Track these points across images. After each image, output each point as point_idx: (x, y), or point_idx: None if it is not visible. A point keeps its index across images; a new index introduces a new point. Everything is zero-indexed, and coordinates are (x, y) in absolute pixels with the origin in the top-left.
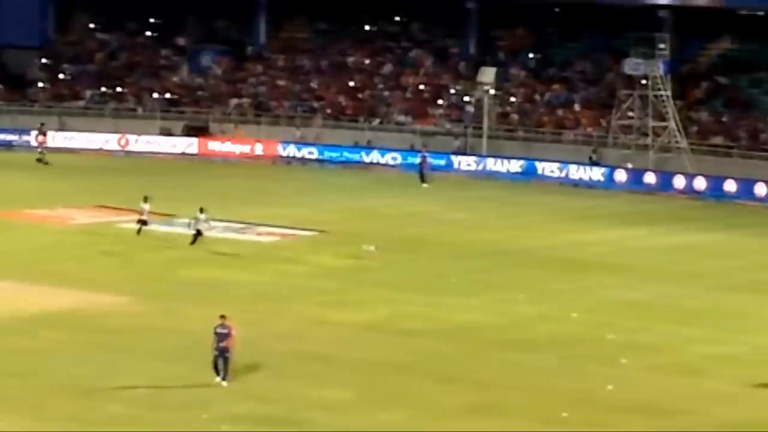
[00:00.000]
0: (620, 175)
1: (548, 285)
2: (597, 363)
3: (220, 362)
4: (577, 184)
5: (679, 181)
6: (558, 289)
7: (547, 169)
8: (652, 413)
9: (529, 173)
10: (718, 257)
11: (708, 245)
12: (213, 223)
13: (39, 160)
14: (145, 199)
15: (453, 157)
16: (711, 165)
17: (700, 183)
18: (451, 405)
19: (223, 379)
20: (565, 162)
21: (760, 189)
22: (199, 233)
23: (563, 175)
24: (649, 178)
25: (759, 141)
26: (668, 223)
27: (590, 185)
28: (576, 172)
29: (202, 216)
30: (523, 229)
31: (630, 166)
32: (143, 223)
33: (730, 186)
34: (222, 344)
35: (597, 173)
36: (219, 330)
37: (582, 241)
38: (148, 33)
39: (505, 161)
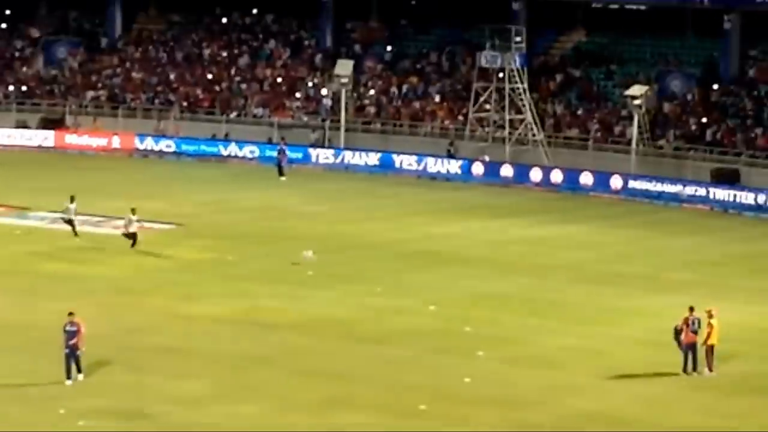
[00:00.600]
0: (477, 168)
1: (405, 277)
2: (454, 356)
3: (71, 360)
4: (435, 176)
5: (535, 174)
6: (415, 282)
7: (405, 161)
8: (508, 406)
9: (386, 166)
10: (574, 249)
11: (564, 238)
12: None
13: None
14: (72, 199)
15: (311, 150)
16: (567, 157)
17: (556, 176)
18: (308, 398)
19: (78, 371)
20: (422, 155)
21: (615, 181)
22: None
23: (421, 167)
24: (506, 170)
25: (612, 133)
26: (525, 216)
27: (447, 178)
28: (433, 164)
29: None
30: (381, 221)
31: (487, 158)
32: (70, 222)
33: (585, 178)
34: (71, 342)
35: (454, 166)
36: (68, 328)
37: (439, 233)
38: (1, 24)
39: (363, 154)
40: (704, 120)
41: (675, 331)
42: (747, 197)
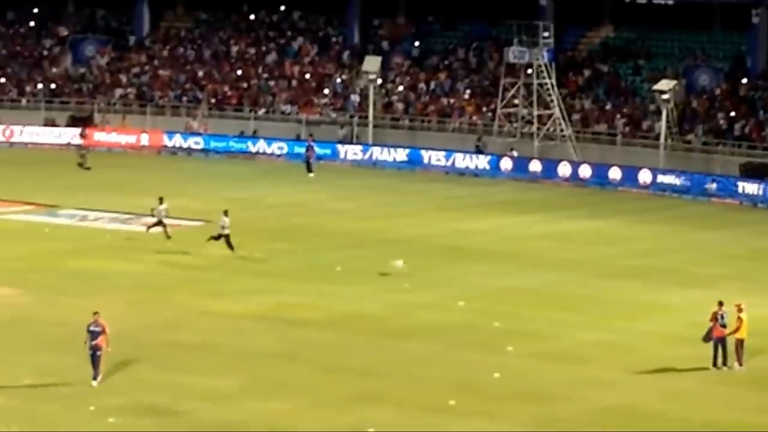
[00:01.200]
0: (505, 163)
1: (434, 273)
2: (483, 351)
3: (94, 361)
4: (463, 172)
5: (563, 169)
6: (444, 278)
7: (433, 157)
8: (536, 400)
9: (414, 162)
10: (602, 244)
11: (592, 232)
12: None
13: None
14: (161, 201)
15: (339, 147)
16: (595, 152)
17: (584, 171)
18: (336, 394)
19: (94, 378)
20: (450, 150)
21: (643, 176)
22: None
23: (449, 163)
24: (534, 166)
25: (640, 128)
26: (553, 211)
27: (476, 173)
28: (461, 160)
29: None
30: (409, 217)
31: (515, 154)
32: (160, 224)
33: (614, 173)
34: (94, 342)
35: (482, 161)
36: (92, 328)
37: (467, 229)
38: (29, 23)
39: (391, 150)
40: (732, 114)
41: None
42: None
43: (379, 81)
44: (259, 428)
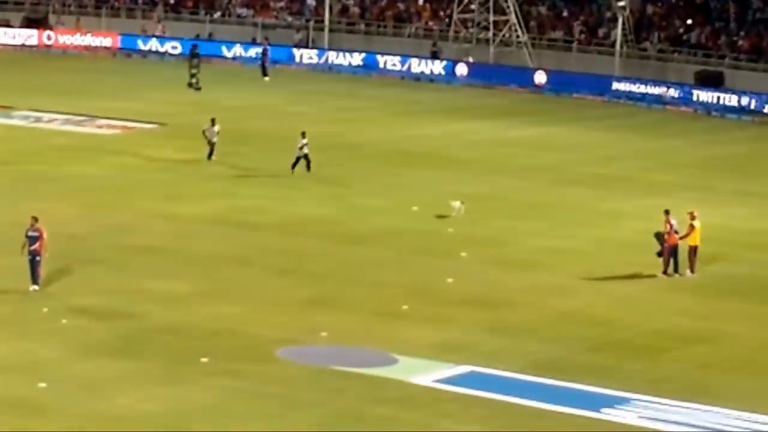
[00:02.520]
0: (461, 69)
1: (388, 179)
2: (437, 256)
3: (33, 266)
4: (418, 77)
5: (519, 76)
6: (398, 183)
7: (389, 62)
8: (490, 306)
9: (370, 66)
10: (557, 151)
11: (547, 139)
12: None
13: None
14: (213, 121)
15: (294, 51)
16: (551, 59)
17: (539, 77)
18: (290, 298)
19: (34, 283)
20: (406, 55)
21: (599, 83)
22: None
23: (404, 68)
24: (490, 72)
25: (597, 35)
26: (507, 117)
27: (431, 79)
28: (417, 65)
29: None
30: (364, 122)
31: (471, 59)
32: (211, 145)
33: (569, 80)
34: (32, 247)
35: (438, 67)
36: (30, 233)
37: (423, 134)
38: None
39: (347, 54)
40: (689, 22)
41: (658, 236)
42: (730, 99)
43: None
44: (212, 331)
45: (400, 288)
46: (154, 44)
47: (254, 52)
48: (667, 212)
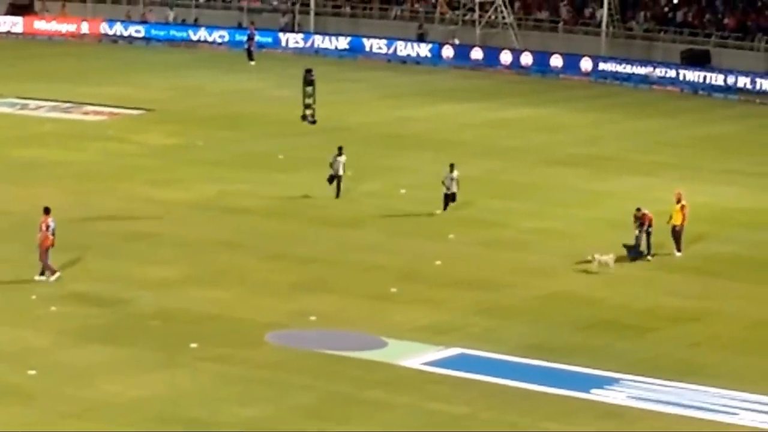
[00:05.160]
0: (447, 51)
1: (376, 161)
2: (425, 239)
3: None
4: (405, 60)
5: (505, 57)
6: (386, 165)
7: (375, 45)
8: (479, 287)
9: (356, 50)
10: (544, 132)
11: (534, 120)
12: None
13: None
14: (340, 151)
15: (280, 35)
16: (537, 40)
17: (526, 58)
18: (279, 282)
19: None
20: (392, 38)
21: (585, 64)
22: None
23: (390, 51)
24: (476, 53)
25: (583, 15)
26: (494, 99)
27: (417, 61)
28: (403, 48)
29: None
30: (351, 105)
31: (457, 42)
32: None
33: (555, 61)
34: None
35: (424, 49)
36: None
37: (409, 117)
38: None
39: (332, 38)
40: (674, 1)
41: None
42: (717, 79)
43: None
44: (201, 316)
45: (389, 271)
46: (139, 30)
47: (240, 36)
48: (638, 209)
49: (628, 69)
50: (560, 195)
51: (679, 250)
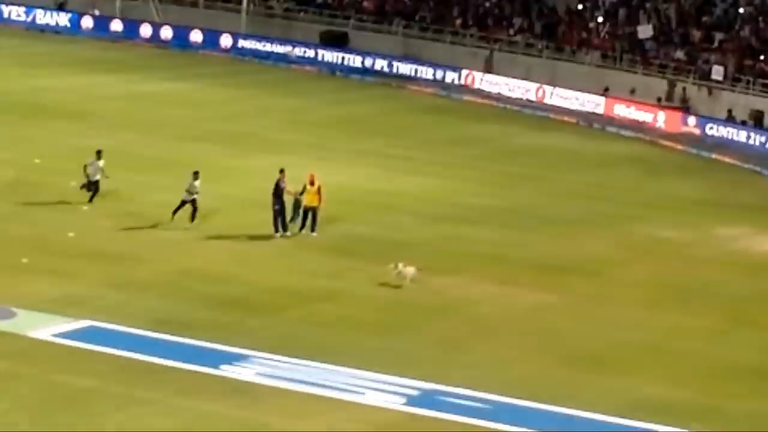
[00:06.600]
0: (86, 22)
1: (10, 130)
2: (58, 210)
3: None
4: (43, 29)
5: (145, 30)
6: (21, 135)
7: (13, 12)
8: (113, 260)
9: None
10: (183, 107)
11: (173, 95)
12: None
13: None
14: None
15: None
16: (177, 14)
17: (166, 32)
18: None
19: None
20: (30, 6)
21: (225, 40)
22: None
23: (29, 19)
24: (116, 25)
25: None
26: (133, 72)
27: (57, 30)
28: (42, 16)
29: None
30: None
31: (96, 12)
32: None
33: (195, 36)
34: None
35: (63, 18)
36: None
37: (46, 86)
38: None
39: None
40: None
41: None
42: (354, 60)
43: None
44: None
45: (21, 241)
46: None
47: None
48: (281, 171)
49: (267, 47)
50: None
51: (313, 230)
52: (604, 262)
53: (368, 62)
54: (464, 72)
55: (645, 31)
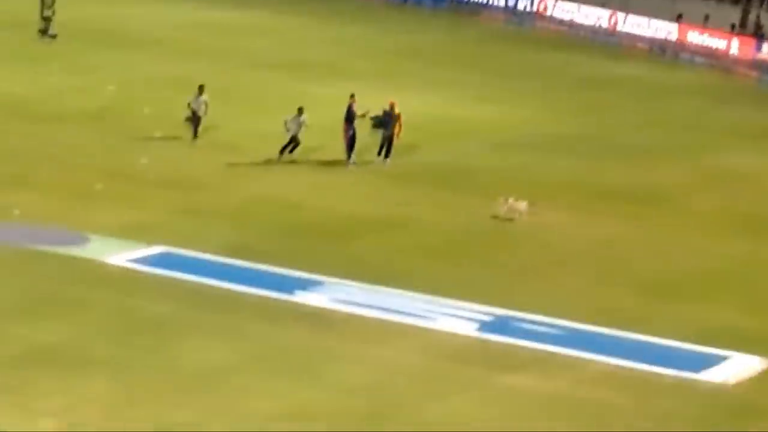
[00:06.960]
0: None
1: (85, 57)
2: (132, 137)
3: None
4: None
5: None
6: (95, 62)
7: None
8: (185, 187)
9: None
10: (254, 35)
11: (244, 23)
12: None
13: None
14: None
15: None
16: None
17: None
18: None
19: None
20: None
21: None
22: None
23: None
24: None
25: None
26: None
27: None
28: None
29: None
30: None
31: None
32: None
33: None
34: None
35: None
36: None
37: (121, 14)
38: None
39: None
40: None
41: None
42: None
43: None
44: None
45: (95, 168)
46: None
47: None
48: (352, 96)
49: None
50: (269, 99)
51: (387, 156)
52: (676, 191)
53: None
54: None
55: None
